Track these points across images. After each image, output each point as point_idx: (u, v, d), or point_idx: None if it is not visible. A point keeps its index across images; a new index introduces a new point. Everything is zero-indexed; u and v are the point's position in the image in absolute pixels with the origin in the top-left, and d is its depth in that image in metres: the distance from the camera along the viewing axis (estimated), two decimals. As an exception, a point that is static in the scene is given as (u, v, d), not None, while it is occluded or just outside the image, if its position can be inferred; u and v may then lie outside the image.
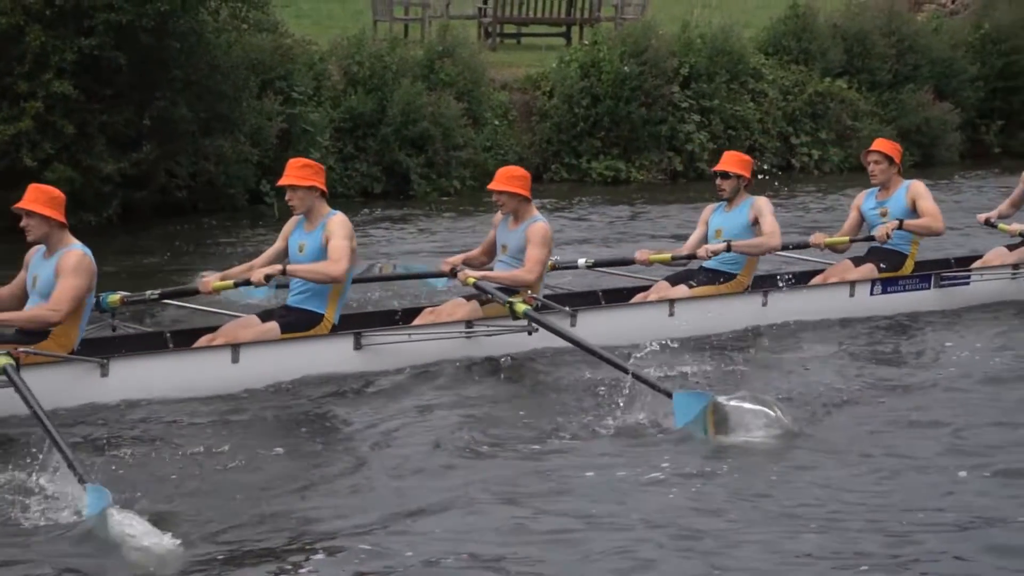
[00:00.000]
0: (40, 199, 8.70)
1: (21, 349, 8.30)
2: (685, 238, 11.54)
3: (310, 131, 17.62)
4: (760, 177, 20.46)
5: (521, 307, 9.52)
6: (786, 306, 10.80)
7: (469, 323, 9.69)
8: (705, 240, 10.97)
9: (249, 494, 7.15)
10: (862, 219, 11.59)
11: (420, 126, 18.66)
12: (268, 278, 9.09)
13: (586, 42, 21.87)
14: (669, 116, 20.45)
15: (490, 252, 10.47)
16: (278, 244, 9.59)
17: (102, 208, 15.51)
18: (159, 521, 6.51)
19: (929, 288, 11.44)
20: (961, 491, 7.35)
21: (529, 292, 9.90)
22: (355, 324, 9.67)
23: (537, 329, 9.48)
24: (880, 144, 11.53)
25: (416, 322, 9.86)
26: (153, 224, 16.03)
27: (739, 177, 10.90)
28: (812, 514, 7.00)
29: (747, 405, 8.10)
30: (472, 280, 9.78)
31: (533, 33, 25.33)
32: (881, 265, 11.38)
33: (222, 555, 6.45)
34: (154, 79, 15.63)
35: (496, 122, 19.97)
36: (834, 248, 11.35)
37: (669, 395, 8.29)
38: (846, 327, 10.79)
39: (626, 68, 20.16)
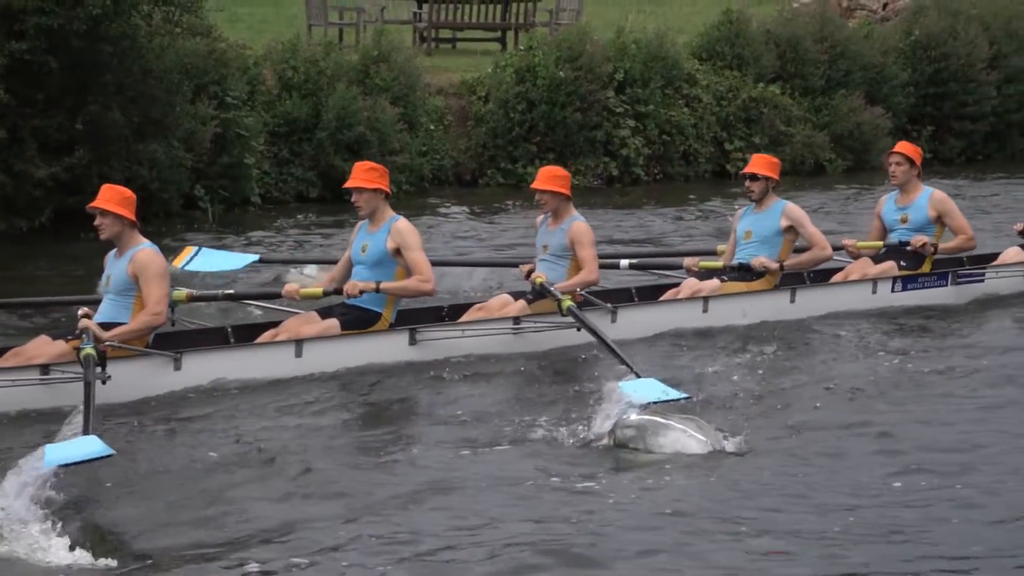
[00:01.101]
0: (113, 199, 9.17)
1: (106, 342, 8.81)
2: (622, 242, 11.73)
3: (244, 136, 17.53)
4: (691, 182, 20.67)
5: (566, 303, 9.92)
6: (813, 302, 11.29)
7: (517, 319, 10.15)
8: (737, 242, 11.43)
9: (322, 479, 7.59)
10: (884, 225, 12.02)
11: (355, 131, 18.62)
12: (361, 292, 9.65)
13: (521, 47, 21.90)
14: (604, 121, 20.52)
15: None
16: (348, 252, 10.07)
17: (34, 214, 15.35)
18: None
19: (947, 285, 11.95)
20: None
21: (578, 290, 10.38)
22: (403, 320, 10.07)
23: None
24: (903, 146, 12.06)
25: (465, 318, 10.28)
26: (86, 229, 15.83)
27: (767, 179, 11.26)
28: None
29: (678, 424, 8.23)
30: (540, 280, 10.23)
31: (468, 38, 25.35)
32: (901, 263, 11.83)
33: (291, 532, 6.85)
34: (86, 83, 15.50)
35: (432, 127, 19.96)
36: (863, 254, 11.83)
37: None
38: (870, 322, 11.25)
39: (561, 73, 20.21)
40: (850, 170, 22.09)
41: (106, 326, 9.00)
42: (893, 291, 11.65)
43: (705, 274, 11.25)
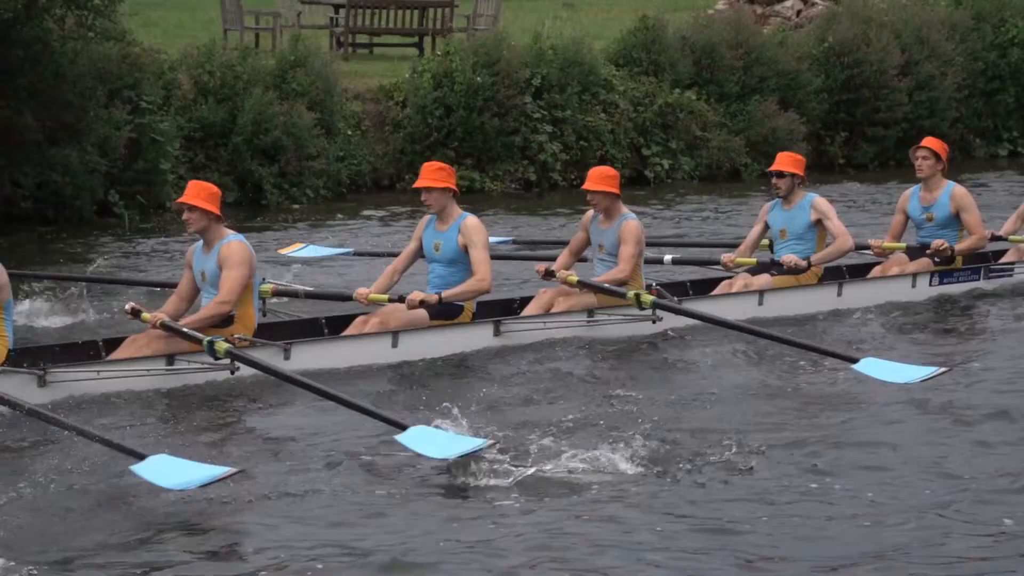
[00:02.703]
0: (200, 195, 9.69)
1: (237, 336, 9.48)
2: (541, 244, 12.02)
3: (160, 141, 17.40)
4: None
5: (648, 298, 10.70)
6: (858, 296, 12.10)
7: (591, 312, 10.90)
8: (763, 237, 12.08)
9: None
10: (907, 220, 12.71)
11: (272, 136, 18.54)
12: (423, 303, 10.24)
13: (439, 53, 21.89)
14: (522, 126, 20.55)
15: (577, 252, 11.45)
16: (412, 245, 10.75)
17: (-55, 219, 15.16)
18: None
19: (979, 279, 12.84)
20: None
21: (654, 284, 11.17)
22: (485, 311, 10.83)
23: (662, 318, 10.81)
24: (929, 141, 12.74)
25: (530, 310, 10.97)
26: (-1, 233, 15.72)
27: (793, 176, 11.90)
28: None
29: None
30: (575, 280, 10.86)
31: (386, 43, 25.29)
32: (935, 259, 12.59)
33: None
34: (-2, 88, 15.32)
35: (349, 132, 19.90)
36: (887, 252, 12.57)
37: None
38: (911, 315, 12.09)
39: (479, 79, 20.22)
40: (765, 175, 22.16)
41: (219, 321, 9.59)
42: (931, 285, 12.48)
43: (754, 268, 11.93)
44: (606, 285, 10.93)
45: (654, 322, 10.87)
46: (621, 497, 7.70)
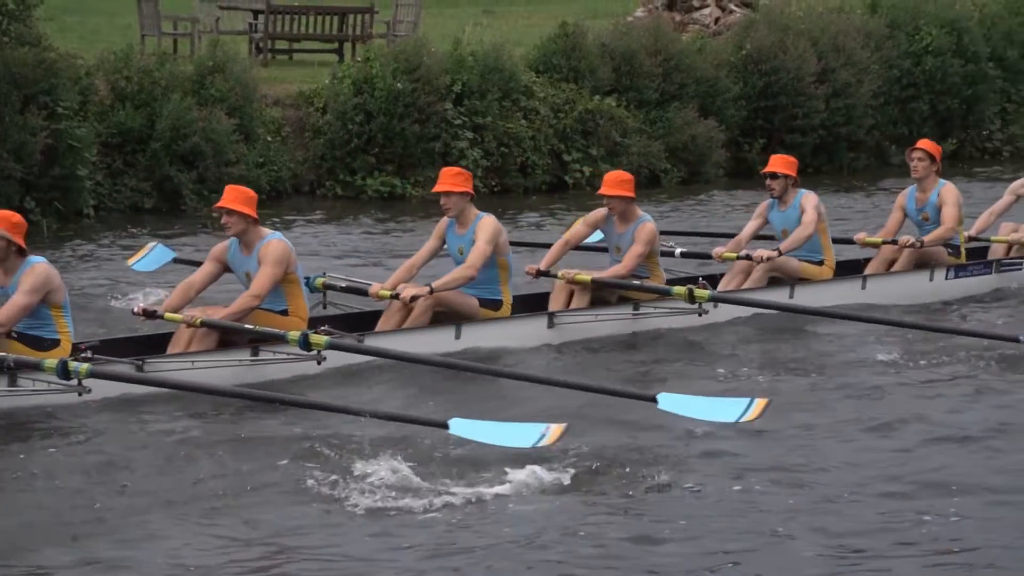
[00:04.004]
0: (239, 198, 10.06)
1: (323, 328, 9.88)
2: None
3: (76, 147, 17.22)
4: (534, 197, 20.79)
5: (704, 293, 11.25)
6: (881, 289, 12.83)
7: (636, 305, 11.51)
8: (757, 233, 12.64)
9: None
10: (904, 217, 13.34)
11: (191, 141, 18.41)
12: (414, 299, 10.62)
13: (359, 59, 21.84)
14: (443, 132, 20.54)
15: (564, 252, 11.82)
16: (433, 243, 11.21)
17: None
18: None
19: (991, 273, 13.60)
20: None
21: (700, 279, 11.61)
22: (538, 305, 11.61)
23: (707, 311, 11.38)
24: (924, 143, 13.40)
25: (553, 307, 11.48)
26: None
27: (787, 177, 12.42)
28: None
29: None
30: (587, 279, 11.35)
31: (305, 49, 25.20)
32: (948, 251, 13.29)
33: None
34: (-89, 92, 15.09)
35: (269, 138, 19.79)
36: (872, 245, 13.23)
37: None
38: (931, 305, 12.94)
39: (399, 85, 20.19)
40: (684, 181, 22.40)
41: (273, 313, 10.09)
42: (947, 279, 13.21)
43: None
44: (653, 284, 11.59)
45: (700, 315, 11.42)
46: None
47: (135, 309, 10.13)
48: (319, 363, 9.89)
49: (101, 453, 8.60)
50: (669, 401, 8.77)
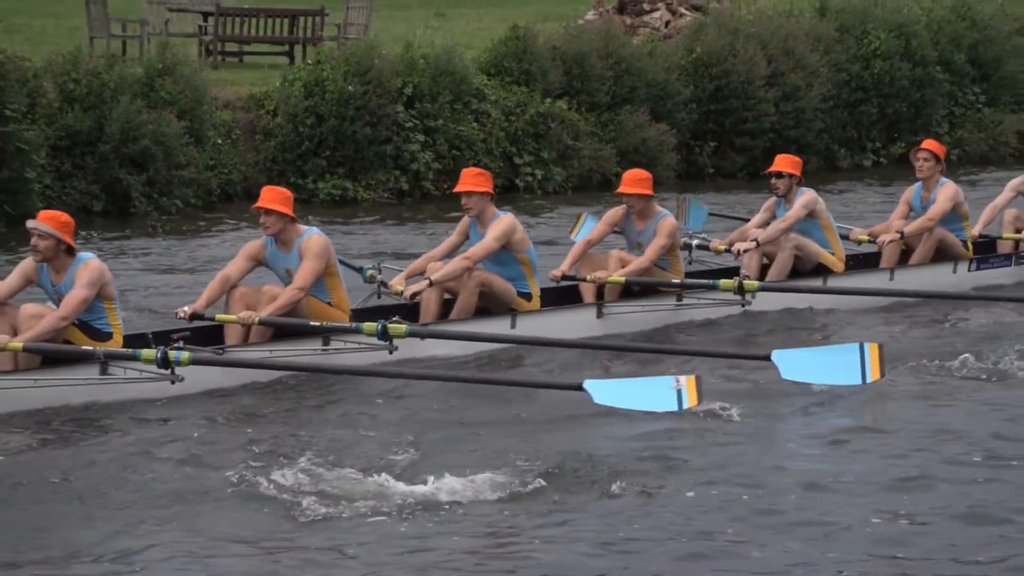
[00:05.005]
0: (276, 199, 10.45)
1: (394, 318, 10.36)
2: (415, 256, 12.22)
3: (25, 149, 17.09)
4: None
5: (753, 284, 11.95)
6: (909, 279, 13.27)
7: (679, 296, 12.11)
8: (766, 225, 13.00)
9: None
10: (909, 211, 13.78)
11: (140, 144, 18.30)
12: (413, 297, 11.04)
13: (309, 61, 21.76)
14: (394, 135, 20.50)
15: (584, 252, 12.10)
16: (455, 238, 11.64)
17: None
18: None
19: (1011, 265, 14.21)
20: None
21: (743, 271, 12.21)
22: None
23: (750, 303, 12.00)
24: (929, 144, 13.78)
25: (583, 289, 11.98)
26: None
27: (791, 176, 12.94)
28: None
29: None
30: (622, 279, 11.82)
31: (256, 51, 25.10)
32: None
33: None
34: None
35: (219, 141, 19.69)
36: (863, 241, 13.65)
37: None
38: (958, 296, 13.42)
39: (350, 87, 20.13)
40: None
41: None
42: (969, 271, 13.80)
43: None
44: (698, 281, 12.22)
45: (743, 307, 12.05)
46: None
47: (180, 314, 10.31)
48: (391, 352, 10.32)
49: (193, 440, 8.99)
50: (783, 358, 9.85)
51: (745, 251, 12.59)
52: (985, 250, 14.29)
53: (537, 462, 8.40)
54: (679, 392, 9.07)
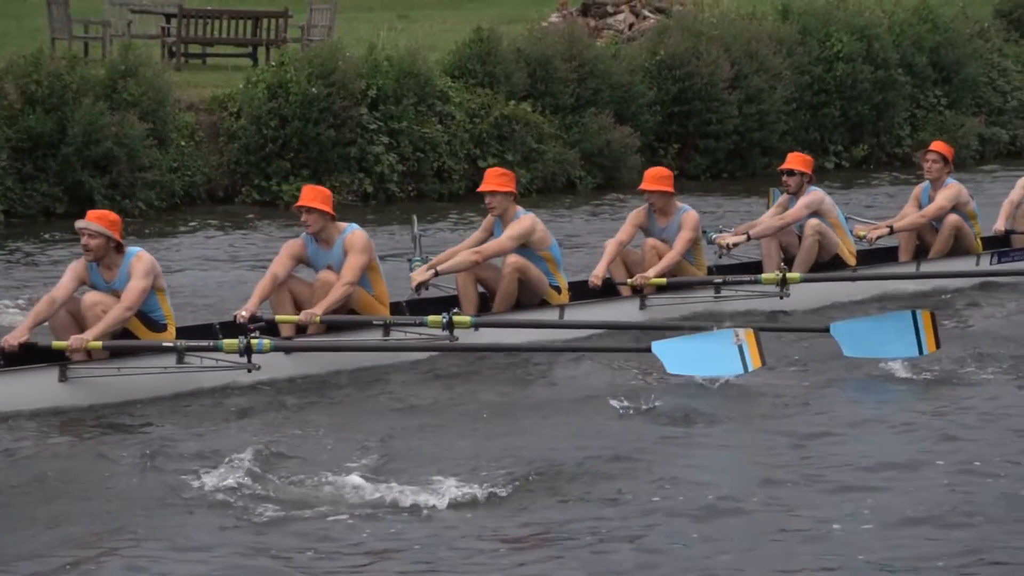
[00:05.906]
0: (317, 197, 10.74)
1: (455, 310, 10.75)
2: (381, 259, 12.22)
3: (-15, 151, 17.00)
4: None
5: (795, 276, 12.35)
6: (935, 270, 13.74)
7: (718, 288, 12.51)
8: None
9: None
10: (919, 208, 14.06)
11: (103, 146, 18.23)
12: (419, 287, 11.38)
13: (273, 63, 21.72)
14: (358, 138, 20.47)
15: (618, 254, 12.41)
16: (479, 235, 11.90)
17: None
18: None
19: None
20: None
21: (782, 265, 12.65)
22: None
23: (789, 294, 12.34)
24: (937, 145, 14.19)
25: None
26: None
27: (802, 174, 13.26)
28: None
29: None
30: (663, 281, 12.18)
31: (219, 53, 25.01)
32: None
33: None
34: None
35: (183, 143, 19.63)
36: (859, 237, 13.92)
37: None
38: (985, 288, 13.90)
39: (314, 89, 20.10)
40: (600, 187, 22.49)
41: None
42: (991, 264, 14.25)
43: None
44: (739, 276, 12.61)
45: (782, 298, 12.41)
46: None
47: (239, 318, 10.41)
48: (450, 342, 10.59)
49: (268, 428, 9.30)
50: (841, 330, 10.29)
51: (735, 244, 12.97)
52: (996, 245, 14.60)
53: (504, 465, 8.41)
54: (740, 349, 9.31)
